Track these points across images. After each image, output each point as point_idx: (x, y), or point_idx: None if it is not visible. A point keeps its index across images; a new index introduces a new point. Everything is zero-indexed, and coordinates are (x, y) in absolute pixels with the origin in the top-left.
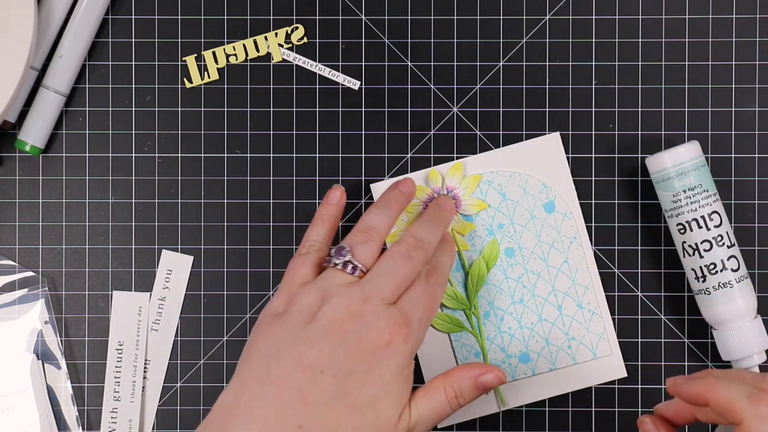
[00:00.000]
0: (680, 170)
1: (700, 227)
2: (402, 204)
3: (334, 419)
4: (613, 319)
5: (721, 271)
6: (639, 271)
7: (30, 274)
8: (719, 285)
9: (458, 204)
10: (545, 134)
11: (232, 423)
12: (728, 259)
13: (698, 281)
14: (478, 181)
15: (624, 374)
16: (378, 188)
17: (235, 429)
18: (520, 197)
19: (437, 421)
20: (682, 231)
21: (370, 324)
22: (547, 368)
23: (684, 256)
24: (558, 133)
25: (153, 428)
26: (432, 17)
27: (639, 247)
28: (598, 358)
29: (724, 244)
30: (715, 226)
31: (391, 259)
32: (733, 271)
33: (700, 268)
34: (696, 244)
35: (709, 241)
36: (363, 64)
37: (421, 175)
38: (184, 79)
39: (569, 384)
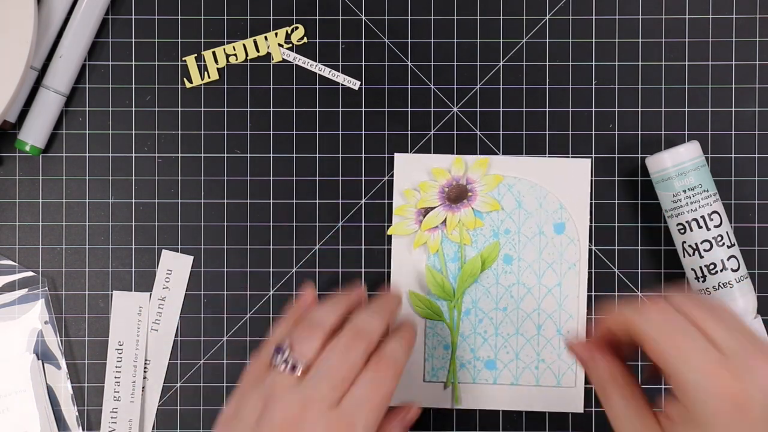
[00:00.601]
0: (680, 170)
1: (700, 227)
2: (351, 306)
3: None
4: None
5: (721, 271)
6: (639, 271)
7: (30, 274)
8: (719, 285)
9: (473, 198)
10: (579, 157)
11: None
12: (728, 259)
13: (698, 281)
14: (498, 181)
15: (580, 410)
16: (402, 159)
17: None
18: (534, 209)
19: None
20: (682, 231)
21: None
22: (509, 381)
23: (684, 256)
24: (589, 159)
25: (153, 428)
26: (432, 17)
27: (639, 247)
28: (561, 387)
29: (724, 244)
30: (715, 226)
31: (329, 354)
32: (733, 271)
33: (700, 268)
34: (696, 244)
35: (709, 241)
36: (363, 64)
37: (447, 160)
38: (184, 79)
39: (525, 402)
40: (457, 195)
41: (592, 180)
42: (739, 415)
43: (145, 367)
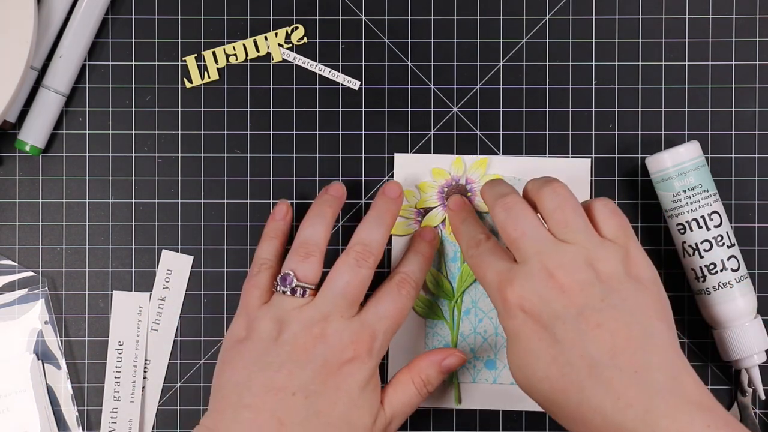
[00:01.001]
0: (680, 170)
1: (700, 227)
2: (335, 208)
3: None
4: None
5: (721, 271)
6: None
7: (30, 274)
8: (719, 285)
9: (473, 198)
10: (578, 156)
11: None
12: (728, 259)
13: (698, 281)
14: None
15: None
16: (401, 159)
17: None
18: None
19: (410, 412)
20: (682, 231)
21: (334, 343)
22: (508, 381)
23: (684, 256)
24: (589, 159)
25: (153, 428)
26: (432, 17)
27: None
28: None
29: (724, 244)
30: (715, 226)
31: (341, 273)
32: (733, 271)
33: (700, 268)
34: (696, 244)
35: (709, 241)
36: (363, 64)
37: (447, 160)
38: (184, 79)
39: (525, 402)
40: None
41: (592, 180)
42: (532, 323)
43: (145, 367)
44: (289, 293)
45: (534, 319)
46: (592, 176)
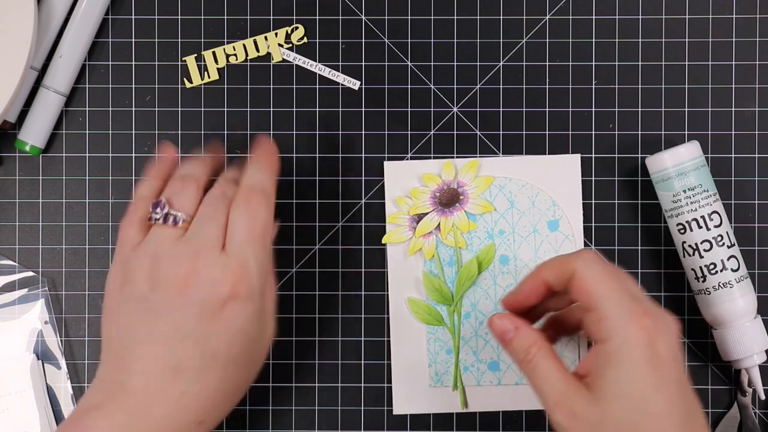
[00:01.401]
0: (680, 170)
1: (700, 227)
2: (216, 162)
3: (213, 379)
4: None
5: (721, 271)
6: (639, 271)
7: (30, 274)
8: (719, 285)
9: (465, 201)
10: (566, 153)
11: (114, 398)
12: (728, 259)
13: (698, 281)
14: (489, 183)
15: None
16: (391, 166)
17: (114, 404)
18: (527, 209)
19: None
20: (682, 231)
21: (207, 280)
22: (513, 381)
23: (684, 256)
24: (579, 155)
25: None
26: (432, 17)
27: (639, 247)
28: None
29: (724, 244)
30: (715, 226)
31: (208, 203)
32: (733, 271)
33: (700, 268)
34: (696, 244)
35: (709, 241)
36: (363, 64)
37: (437, 165)
38: (184, 79)
39: (530, 402)
40: (449, 199)
41: (588, 177)
42: (650, 350)
43: None
44: (161, 221)
45: None
46: (589, 173)
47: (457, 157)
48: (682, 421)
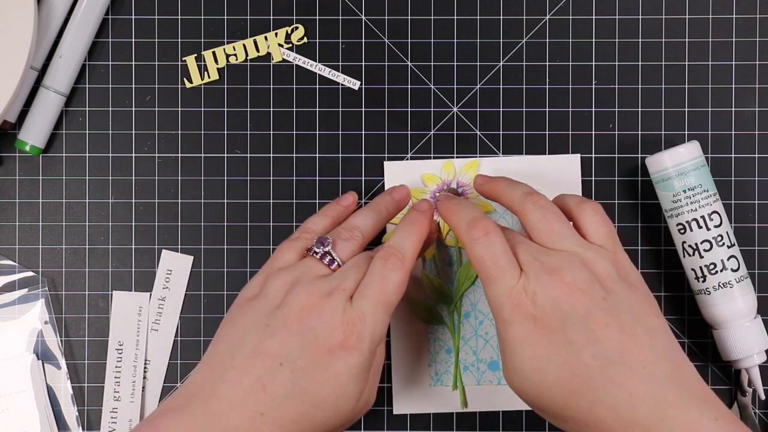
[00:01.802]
0: (680, 170)
1: (700, 227)
2: (392, 211)
3: (294, 411)
4: None
5: (721, 271)
6: (639, 271)
7: (30, 274)
8: (719, 285)
9: None
10: (566, 153)
11: (197, 402)
12: (728, 259)
13: (698, 281)
14: None
15: None
16: (391, 167)
17: (195, 408)
18: None
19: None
20: (682, 231)
21: (327, 320)
22: None
23: (684, 256)
24: (579, 155)
25: None
26: (432, 17)
27: (639, 247)
28: None
29: (724, 244)
30: (715, 226)
31: (362, 255)
32: (733, 271)
33: (700, 268)
34: (696, 244)
35: (709, 241)
36: (363, 64)
37: (437, 165)
38: (184, 79)
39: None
40: None
41: (588, 177)
42: (539, 327)
43: (145, 367)
44: (319, 256)
45: (543, 323)
46: (590, 174)
47: (457, 157)
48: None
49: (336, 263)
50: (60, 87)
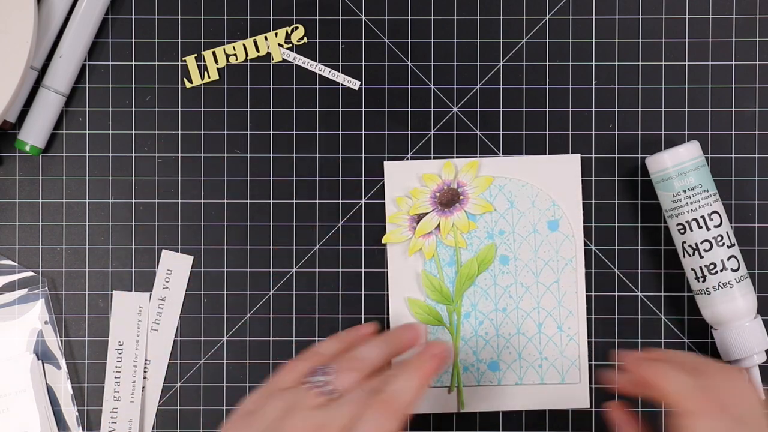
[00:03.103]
0: (680, 170)
1: (700, 227)
2: (404, 347)
3: None
4: (613, 320)
5: (721, 271)
6: (639, 271)
7: (30, 274)
8: (719, 285)
9: (465, 201)
10: (566, 153)
11: None
12: (728, 259)
13: (698, 281)
14: (489, 183)
15: (586, 406)
16: (391, 167)
17: None
18: (527, 209)
19: None
20: (682, 231)
21: None
22: (513, 381)
23: (684, 256)
24: (579, 155)
25: (153, 428)
26: (432, 17)
27: (639, 247)
28: (566, 384)
29: (724, 244)
30: (715, 226)
31: (360, 390)
32: (733, 271)
33: (700, 268)
34: (696, 244)
35: (709, 241)
36: (363, 64)
37: (436, 165)
38: (184, 79)
39: (530, 402)
40: (449, 199)
41: (588, 177)
42: None
43: (145, 367)
44: (318, 386)
45: None
46: (590, 173)
47: (457, 157)
48: None
49: (333, 395)
50: (60, 87)
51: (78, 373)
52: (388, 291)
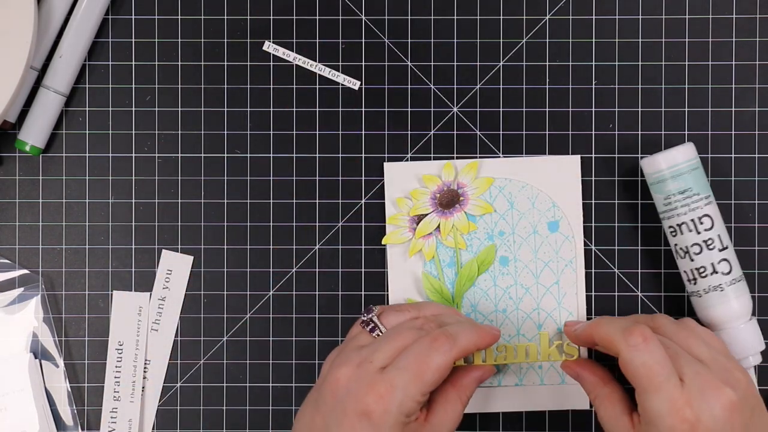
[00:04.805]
0: (674, 173)
1: (690, 230)
2: (455, 317)
3: None
4: None
5: (711, 274)
6: (639, 271)
7: (26, 272)
8: (710, 288)
9: (465, 202)
10: (566, 153)
11: None
12: (719, 263)
13: (690, 283)
14: (489, 184)
15: (587, 406)
16: (391, 167)
17: None
18: (527, 210)
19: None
20: (674, 234)
21: (354, 391)
22: (513, 383)
23: (677, 258)
24: (579, 156)
25: (153, 428)
26: (432, 17)
27: (639, 247)
28: (566, 385)
29: (714, 247)
30: (706, 230)
31: (399, 326)
32: (724, 274)
33: (691, 270)
34: (686, 246)
35: (699, 245)
36: (363, 64)
37: (436, 166)
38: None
39: (530, 403)
40: (449, 200)
41: (588, 177)
42: None
43: (145, 367)
44: (363, 325)
45: None
46: (590, 174)
47: (457, 158)
48: None
49: (378, 332)
50: (60, 87)
51: (77, 372)
52: (388, 292)
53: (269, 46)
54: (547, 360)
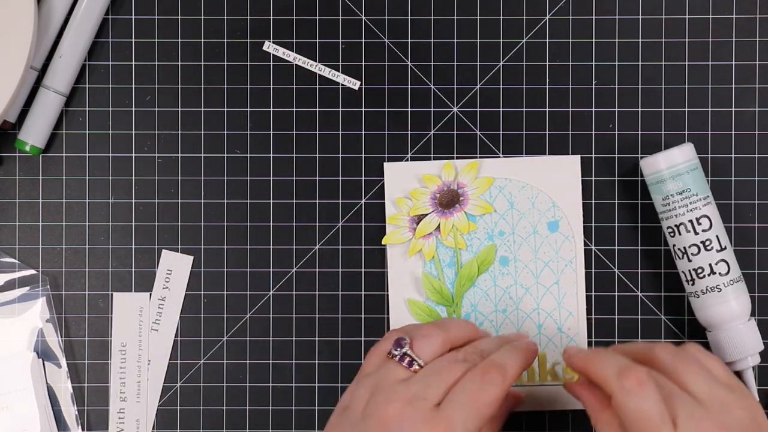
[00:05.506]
0: (673, 173)
1: (688, 231)
2: (473, 332)
3: None
4: (613, 320)
5: (709, 275)
6: (639, 271)
7: (31, 272)
8: (707, 289)
9: (465, 202)
10: (566, 153)
11: None
12: (717, 264)
13: (688, 284)
14: (489, 184)
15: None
16: (391, 167)
17: None
18: (527, 210)
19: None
20: (672, 234)
21: (410, 429)
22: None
23: (676, 259)
24: (579, 156)
25: (153, 428)
26: (432, 17)
27: (639, 247)
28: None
29: (712, 248)
30: (704, 230)
31: (444, 359)
32: (722, 275)
33: (689, 271)
34: (684, 247)
35: (696, 245)
36: (363, 64)
37: (436, 166)
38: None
39: (530, 402)
40: (449, 200)
41: (588, 177)
42: None
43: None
44: (397, 359)
45: None
46: (590, 174)
47: (457, 158)
48: None
49: (416, 364)
50: (60, 87)
51: (78, 373)
52: (388, 292)
53: (269, 46)
54: (546, 381)
